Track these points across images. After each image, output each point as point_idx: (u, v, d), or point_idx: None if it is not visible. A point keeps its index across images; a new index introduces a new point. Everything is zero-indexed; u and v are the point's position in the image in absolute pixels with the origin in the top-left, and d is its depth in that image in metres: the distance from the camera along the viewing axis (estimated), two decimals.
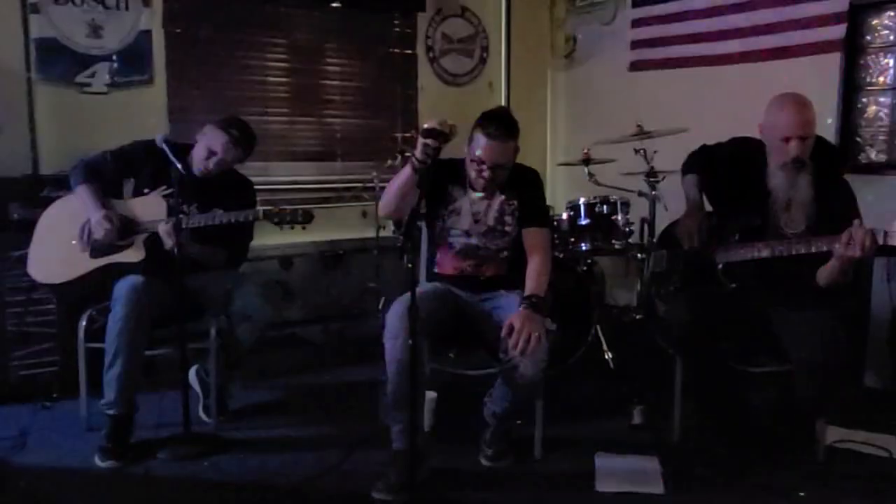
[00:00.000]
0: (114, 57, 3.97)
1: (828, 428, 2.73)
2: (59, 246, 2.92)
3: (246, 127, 3.02)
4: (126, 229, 2.88)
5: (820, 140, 2.65)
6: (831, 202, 2.53)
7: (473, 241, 2.75)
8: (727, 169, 2.79)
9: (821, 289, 2.48)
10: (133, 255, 2.86)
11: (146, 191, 2.94)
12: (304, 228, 2.87)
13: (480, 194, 2.73)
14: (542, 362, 2.46)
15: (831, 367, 2.40)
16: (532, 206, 2.76)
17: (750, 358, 2.67)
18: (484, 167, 2.60)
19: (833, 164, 2.67)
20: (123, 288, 2.75)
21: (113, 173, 2.97)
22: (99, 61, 3.93)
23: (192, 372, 3.15)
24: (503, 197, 2.75)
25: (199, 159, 2.94)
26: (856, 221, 2.30)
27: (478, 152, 2.58)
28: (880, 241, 2.26)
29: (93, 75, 3.93)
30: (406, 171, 2.53)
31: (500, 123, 2.57)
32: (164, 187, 2.91)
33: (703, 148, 2.95)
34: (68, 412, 3.09)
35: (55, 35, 3.80)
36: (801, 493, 2.47)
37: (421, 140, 2.44)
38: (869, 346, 3.32)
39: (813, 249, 2.39)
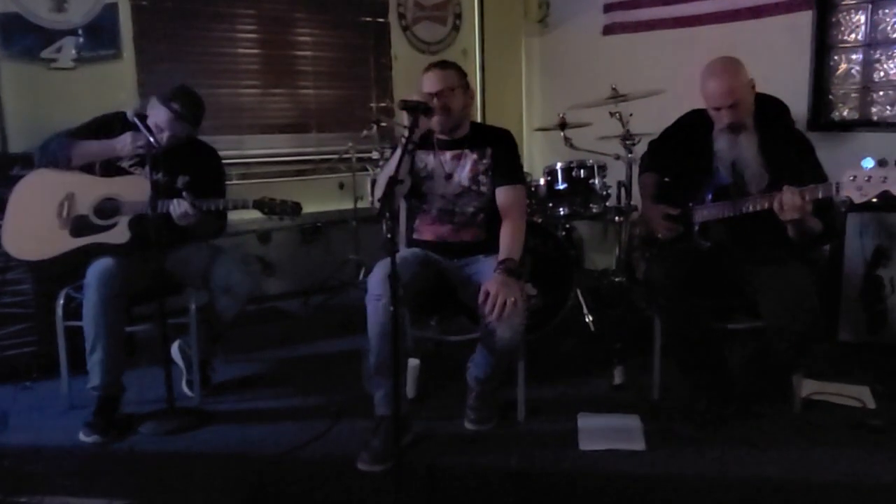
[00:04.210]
0: (79, 31, 3.88)
1: (803, 381, 2.79)
2: (36, 221, 2.83)
3: (190, 99, 2.88)
4: (109, 209, 2.83)
5: (763, 97, 2.69)
6: (787, 156, 2.57)
7: (449, 204, 2.76)
8: (677, 143, 2.89)
9: (792, 245, 2.52)
10: (118, 236, 2.81)
11: (119, 164, 2.89)
12: (292, 220, 2.84)
13: (451, 153, 2.76)
14: (520, 326, 2.48)
15: (802, 323, 2.45)
16: (504, 164, 2.77)
17: (727, 315, 2.72)
18: (434, 98, 2.63)
19: (780, 117, 2.70)
20: (95, 272, 2.70)
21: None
22: (64, 36, 3.84)
23: (174, 347, 3.14)
24: (475, 156, 2.76)
25: (154, 132, 2.85)
26: (786, 187, 2.35)
27: (425, 90, 2.67)
28: (832, 193, 2.31)
29: (59, 50, 3.84)
30: (397, 155, 2.51)
31: (435, 62, 2.77)
32: (136, 157, 2.85)
33: (651, 144, 3.07)
34: (50, 392, 3.07)
35: (17, 10, 3.70)
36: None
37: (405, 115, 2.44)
38: (842, 301, 3.38)
39: (767, 206, 2.42)
